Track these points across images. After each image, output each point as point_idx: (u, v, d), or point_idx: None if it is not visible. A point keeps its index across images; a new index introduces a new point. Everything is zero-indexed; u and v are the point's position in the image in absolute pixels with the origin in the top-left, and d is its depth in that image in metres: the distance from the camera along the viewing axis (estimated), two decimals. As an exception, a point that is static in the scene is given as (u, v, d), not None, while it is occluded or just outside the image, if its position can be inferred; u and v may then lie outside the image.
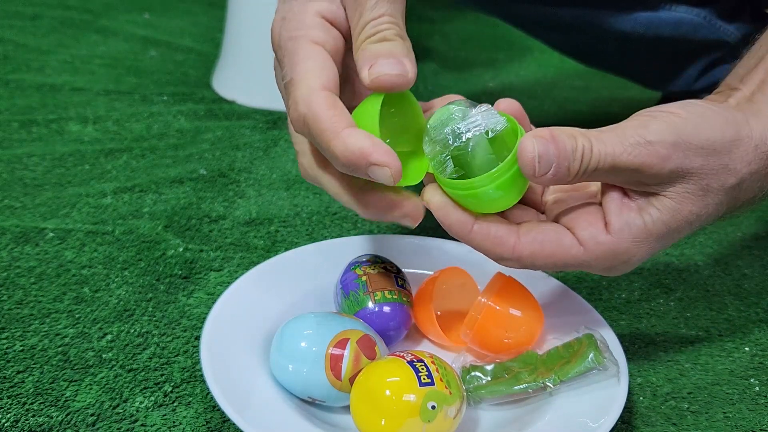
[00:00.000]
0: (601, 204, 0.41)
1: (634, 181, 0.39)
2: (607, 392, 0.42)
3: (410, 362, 0.39)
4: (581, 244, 0.40)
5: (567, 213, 0.41)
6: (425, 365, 0.39)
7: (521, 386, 0.43)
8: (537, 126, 0.41)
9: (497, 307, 0.46)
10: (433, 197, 0.40)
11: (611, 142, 0.37)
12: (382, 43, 0.38)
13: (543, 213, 0.44)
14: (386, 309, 0.47)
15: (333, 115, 0.36)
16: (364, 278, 0.48)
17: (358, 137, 0.35)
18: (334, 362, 0.41)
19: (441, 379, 0.39)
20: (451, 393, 0.39)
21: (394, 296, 0.47)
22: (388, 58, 0.37)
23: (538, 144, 0.37)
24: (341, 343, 0.42)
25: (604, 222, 0.40)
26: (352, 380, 0.41)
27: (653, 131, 0.37)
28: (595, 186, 0.42)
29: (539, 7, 0.79)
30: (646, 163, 0.37)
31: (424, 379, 0.39)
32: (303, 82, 0.37)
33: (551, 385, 0.42)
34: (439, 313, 0.50)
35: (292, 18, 0.40)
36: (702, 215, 0.39)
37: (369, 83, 0.37)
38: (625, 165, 0.37)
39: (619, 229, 0.39)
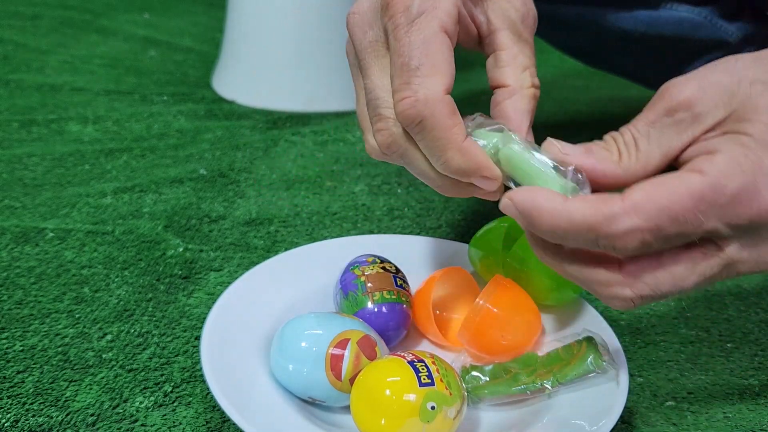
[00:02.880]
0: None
1: (699, 130, 0.34)
2: (607, 393, 0.42)
3: (411, 362, 0.39)
4: (696, 171, 0.32)
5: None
6: (425, 365, 0.39)
7: (520, 387, 0.43)
8: (537, 126, 0.41)
9: (495, 310, 0.46)
10: (514, 193, 0.35)
11: (636, 118, 0.35)
12: (535, 103, 0.40)
13: None
14: (385, 309, 0.47)
15: (453, 125, 0.37)
16: (362, 278, 0.48)
17: (476, 152, 0.37)
18: (335, 362, 0.41)
19: (441, 380, 0.39)
20: (451, 394, 0.39)
21: (393, 296, 0.47)
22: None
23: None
24: (342, 344, 0.42)
25: (705, 154, 0.33)
26: (352, 380, 0.41)
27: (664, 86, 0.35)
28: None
29: (540, 5, 0.79)
30: (669, 102, 0.34)
31: (424, 379, 0.39)
32: (431, 79, 0.36)
33: (550, 387, 0.42)
34: (438, 312, 0.50)
35: None
36: None
37: (521, 140, 0.38)
38: (654, 116, 0.34)
39: (722, 143, 0.33)
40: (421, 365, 0.39)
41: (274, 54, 0.94)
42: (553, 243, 0.35)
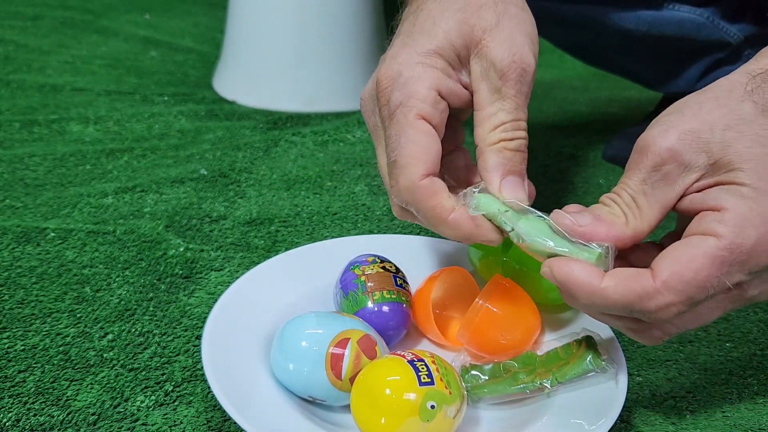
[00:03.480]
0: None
1: (691, 180, 0.37)
2: (606, 392, 0.42)
3: (410, 361, 0.40)
4: (710, 234, 0.35)
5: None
6: (425, 365, 0.39)
7: (519, 386, 0.43)
8: (537, 126, 0.41)
9: (494, 310, 0.46)
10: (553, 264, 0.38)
11: (624, 176, 0.38)
12: (516, 154, 0.42)
13: None
14: (385, 309, 0.47)
15: (435, 206, 0.40)
16: (362, 278, 0.48)
17: (462, 224, 0.40)
18: (335, 362, 0.42)
19: (441, 379, 0.39)
20: (451, 393, 0.39)
21: (393, 296, 0.47)
22: (517, 177, 0.42)
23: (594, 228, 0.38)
24: (342, 343, 0.42)
25: (711, 210, 0.36)
26: (352, 380, 0.41)
27: (642, 139, 0.37)
28: None
29: (542, 3, 0.79)
30: (651, 156, 0.36)
31: (424, 378, 0.39)
32: (407, 169, 0.40)
33: (549, 387, 0.43)
34: (437, 312, 0.50)
35: (408, 80, 0.41)
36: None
37: (498, 197, 0.41)
38: (643, 173, 0.37)
39: (727, 198, 0.35)
40: (421, 364, 0.39)
41: (275, 54, 0.94)
42: None
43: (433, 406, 0.38)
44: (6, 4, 1.29)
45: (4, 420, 0.43)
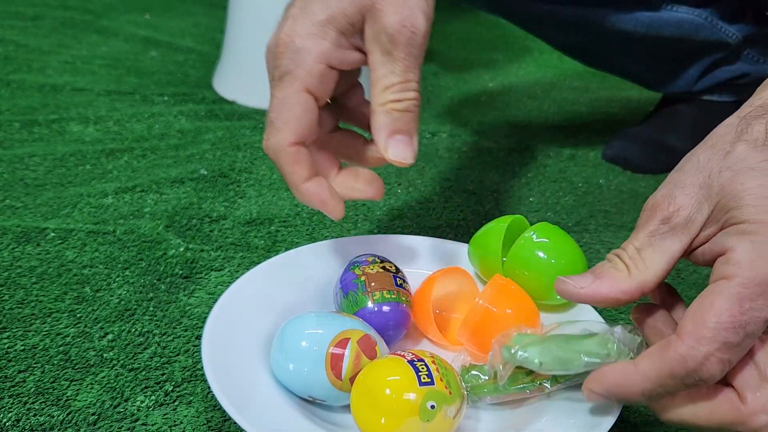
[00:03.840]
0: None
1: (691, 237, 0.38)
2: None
3: (410, 361, 0.40)
4: (725, 278, 0.35)
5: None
6: (425, 365, 0.39)
7: (519, 386, 0.43)
8: (537, 127, 0.41)
9: (494, 309, 0.46)
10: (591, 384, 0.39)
11: (632, 237, 0.38)
12: (404, 114, 0.43)
13: None
14: (385, 309, 0.47)
15: (293, 172, 0.43)
16: (363, 278, 0.48)
17: (313, 191, 0.43)
18: (335, 362, 0.42)
19: (441, 379, 0.39)
20: (451, 393, 0.39)
21: (393, 296, 0.47)
22: (405, 136, 0.43)
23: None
24: (342, 343, 0.42)
25: (723, 255, 0.36)
26: (352, 380, 0.41)
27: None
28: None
29: (541, 5, 0.79)
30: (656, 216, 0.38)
31: (424, 378, 0.39)
32: (279, 132, 0.43)
33: (549, 387, 0.43)
34: (437, 312, 0.50)
35: (299, 50, 0.42)
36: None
37: (385, 156, 0.43)
38: (642, 233, 0.38)
39: (736, 242, 0.35)
40: (421, 364, 0.39)
41: (275, 54, 0.94)
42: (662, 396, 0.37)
43: (433, 406, 0.38)
44: (6, 4, 1.29)
45: (4, 420, 0.43)
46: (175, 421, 0.44)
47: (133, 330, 0.51)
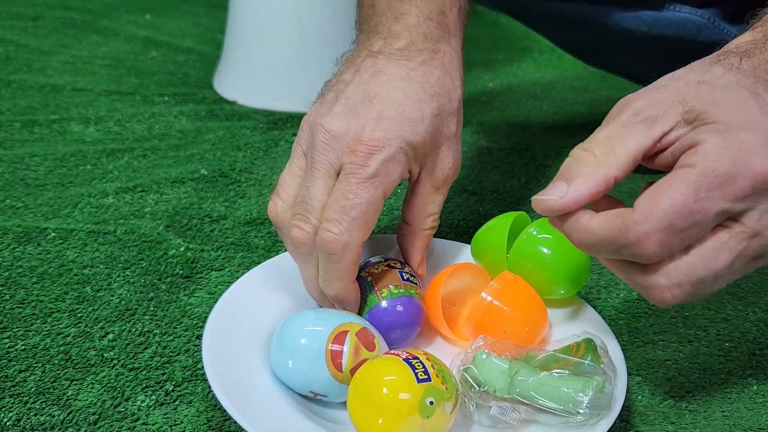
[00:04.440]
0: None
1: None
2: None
3: (406, 360, 0.40)
4: (685, 166, 0.35)
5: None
6: (421, 362, 0.40)
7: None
8: (537, 127, 0.41)
9: (498, 304, 0.46)
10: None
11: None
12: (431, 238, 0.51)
13: None
14: (394, 304, 0.46)
15: (353, 269, 0.45)
16: (369, 279, 0.48)
17: (355, 294, 0.47)
18: (335, 356, 0.42)
19: (437, 375, 0.39)
20: (447, 389, 0.39)
21: (401, 290, 0.47)
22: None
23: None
24: (340, 337, 0.42)
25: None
26: (353, 371, 0.41)
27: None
28: None
29: (544, 3, 0.79)
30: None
31: (421, 375, 0.39)
32: (359, 231, 0.44)
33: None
34: (449, 307, 0.50)
35: (388, 161, 0.44)
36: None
37: (418, 272, 0.51)
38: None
39: (701, 136, 0.36)
40: (417, 362, 0.39)
41: (275, 55, 0.95)
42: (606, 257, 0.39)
43: (432, 402, 0.38)
44: (6, 4, 1.29)
45: (5, 419, 0.43)
46: (175, 421, 0.44)
47: (134, 330, 0.51)
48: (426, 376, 0.39)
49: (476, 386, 0.41)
